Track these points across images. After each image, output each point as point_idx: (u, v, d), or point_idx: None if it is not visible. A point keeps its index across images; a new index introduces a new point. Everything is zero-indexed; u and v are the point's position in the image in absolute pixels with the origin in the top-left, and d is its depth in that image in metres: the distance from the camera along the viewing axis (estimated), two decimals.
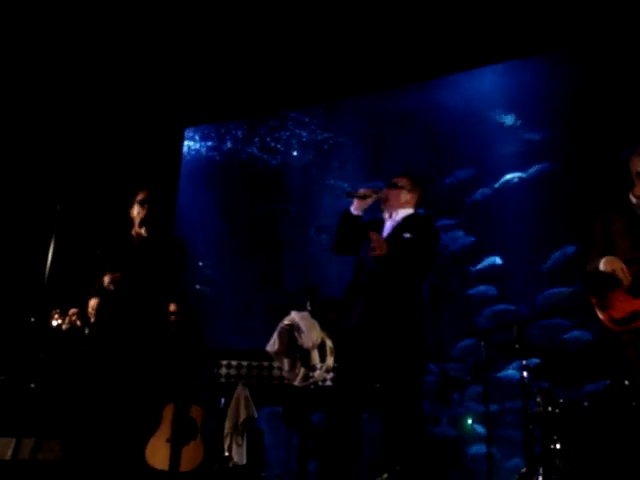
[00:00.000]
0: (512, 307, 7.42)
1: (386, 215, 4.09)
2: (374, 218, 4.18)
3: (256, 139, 9.51)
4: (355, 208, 4.00)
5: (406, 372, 3.68)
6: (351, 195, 4.02)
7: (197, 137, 9.63)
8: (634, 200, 3.77)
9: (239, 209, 9.03)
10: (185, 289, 8.11)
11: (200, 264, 9.08)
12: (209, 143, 9.70)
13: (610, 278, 3.57)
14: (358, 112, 8.77)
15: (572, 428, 4.45)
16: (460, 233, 8.27)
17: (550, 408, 4.69)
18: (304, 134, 9.35)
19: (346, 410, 3.74)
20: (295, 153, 9.38)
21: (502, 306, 7.58)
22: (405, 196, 4.08)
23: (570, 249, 7.46)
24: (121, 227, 4.72)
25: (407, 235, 3.85)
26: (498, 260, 8.01)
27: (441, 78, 7.81)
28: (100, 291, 4.48)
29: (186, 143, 9.49)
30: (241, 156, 9.58)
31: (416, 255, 3.82)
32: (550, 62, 7.81)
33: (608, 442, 3.73)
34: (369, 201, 4.01)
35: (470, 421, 6.62)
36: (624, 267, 3.52)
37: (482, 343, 4.89)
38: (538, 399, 4.80)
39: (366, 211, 4.06)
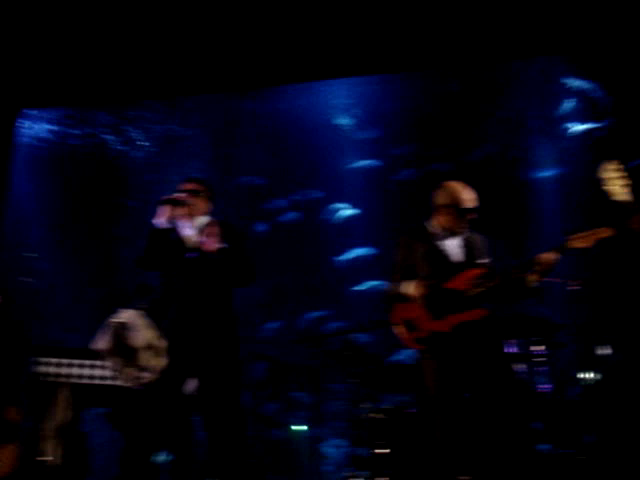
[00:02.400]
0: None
1: (182, 223, 3.91)
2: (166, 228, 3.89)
3: (106, 129, 9.09)
4: (164, 220, 3.79)
5: (223, 375, 3.70)
6: (169, 202, 3.78)
7: (38, 121, 9.04)
8: (435, 229, 3.99)
9: (79, 201, 8.58)
10: (8, 281, 7.60)
11: (26, 255, 8.52)
12: (51, 128, 9.13)
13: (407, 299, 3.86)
14: (212, 109, 8.62)
15: (397, 433, 4.62)
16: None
17: (377, 414, 4.86)
18: (155, 127, 9.06)
19: (167, 412, 3.68)
20: (144, 145, 9.07)
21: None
22: (206, 203, 3.99)
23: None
24: None
25: (224, 245, 3.76)
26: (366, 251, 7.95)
27: (300, 84, 7.87)
28: None
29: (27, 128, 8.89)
30: (89, 145, 9.11)
31: (234, 263, 3.82)
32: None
33: (430, 445, 3.87)
34: (181, 210, 3.83)
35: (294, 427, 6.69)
36: (425, 295, 3.79)
37: (315, 350, 4.95)
38: (365, 405, 4.95)
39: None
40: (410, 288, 3.86)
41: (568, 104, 7.98)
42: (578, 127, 7.86)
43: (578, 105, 7.93)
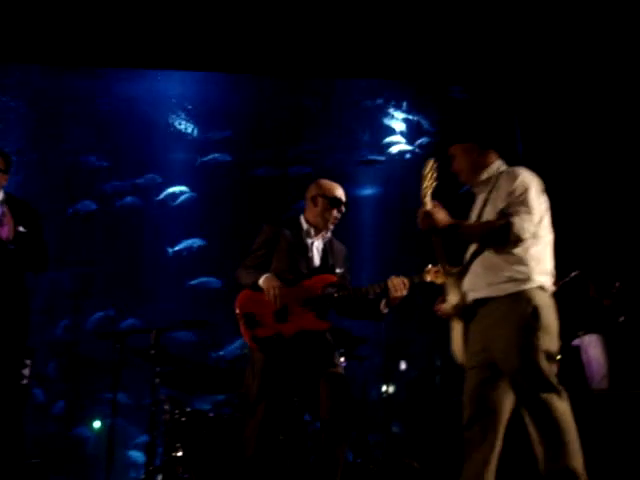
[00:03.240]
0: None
1: None
2: None
3: None
4: None
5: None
6: None
7: None
8: (305, 225, 3.96)
9: None
10: None
11: None
12: None
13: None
14: (42, 82, 8.08)
15: (195, 436, 4.54)
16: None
17: (177, 416, 4.76)
18: None
19: None
20: None
21: None
22: (3, 179, 3.71)
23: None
24: None
25: (21, 229, 3.52)
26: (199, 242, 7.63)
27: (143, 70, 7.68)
28: None
29: None
30: None
31: (31, 248, 3.62)
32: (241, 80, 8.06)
33: (239, 449, 3.81)
34: None
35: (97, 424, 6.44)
36: (279, 292, 3.65)
37: (118, 346, 4.75)
38: (166, 406, 4.84)
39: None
40: (263, 280, 3.72)
41: (396, 126, 8.34)
42: (402, 148, 8.22)
43: (406, 128, 8.32)
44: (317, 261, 3.90)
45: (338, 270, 3.89)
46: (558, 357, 4.77)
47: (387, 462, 5.07)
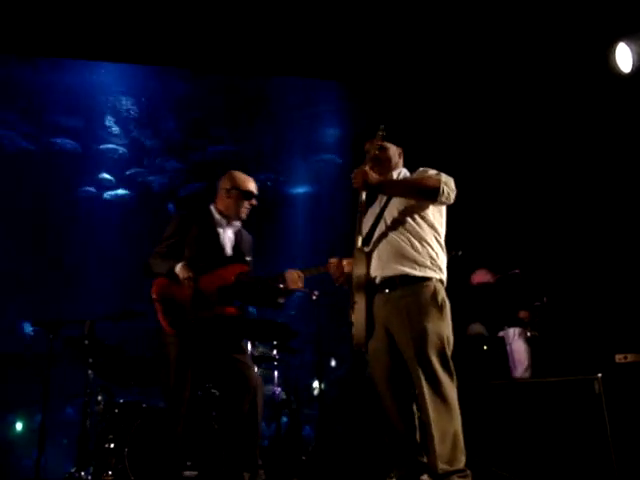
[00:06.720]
0: None
1: None
2: None
3: None
4: None
5: None
6: None
7: None
8: (216, 215, 4.04)
9: None
10: None
11: None
12: None
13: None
14: None
15: (128, 428, 4.51)
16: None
17: (110, 407, 4.72)
18: None
19: None
20: None
21: None
22: None
23: None
24: None
25: None
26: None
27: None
28: None
29: None
30: None
31: None
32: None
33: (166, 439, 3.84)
34: None
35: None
36: (193, 280, 3.74)
37: (51, 336, 4.69)
38: (99, 397, 4.80)
39: None
40: (178, 268, 3.77)
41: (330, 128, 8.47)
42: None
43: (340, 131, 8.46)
44: (229, 250, 4.01)
45: (248, 258, 4.04)
46: (485, 347, 5.04)
47: (319, 455, 5.15)
